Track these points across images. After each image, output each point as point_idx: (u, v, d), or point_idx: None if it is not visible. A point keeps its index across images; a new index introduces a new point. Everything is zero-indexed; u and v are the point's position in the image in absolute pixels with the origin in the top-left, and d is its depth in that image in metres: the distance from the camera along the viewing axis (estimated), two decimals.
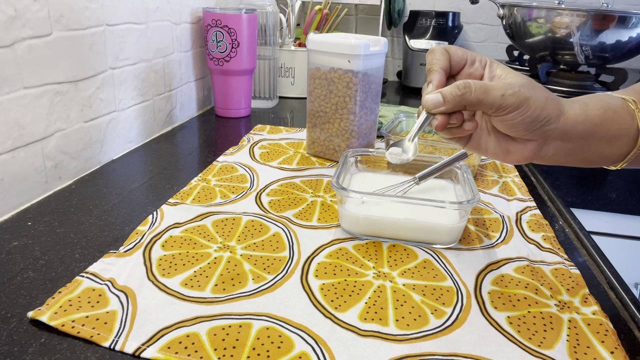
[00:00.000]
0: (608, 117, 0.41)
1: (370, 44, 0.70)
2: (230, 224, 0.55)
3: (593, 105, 0.41)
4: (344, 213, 0.54)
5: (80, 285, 0.43)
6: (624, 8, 1.39)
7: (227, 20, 0.93)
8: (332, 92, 0.73)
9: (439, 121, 0.41)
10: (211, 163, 0.74)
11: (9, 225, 0.54)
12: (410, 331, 0.40)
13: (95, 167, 0.71)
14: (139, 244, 0.50)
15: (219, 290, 0.44)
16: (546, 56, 1.14)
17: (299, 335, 0.39)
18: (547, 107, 0.39)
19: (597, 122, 0.41)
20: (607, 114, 0.41)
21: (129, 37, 0.76)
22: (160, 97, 0.89)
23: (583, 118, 0.40)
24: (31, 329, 0.38)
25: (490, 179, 0.73)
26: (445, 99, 0.40)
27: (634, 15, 0.99)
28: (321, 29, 1.24)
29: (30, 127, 0.58)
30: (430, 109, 0.41)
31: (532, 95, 0.39)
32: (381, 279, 0.47)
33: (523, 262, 0.51)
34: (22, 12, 0.55)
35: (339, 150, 0.76)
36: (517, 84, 0.40)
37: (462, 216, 0.53)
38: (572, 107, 0.41)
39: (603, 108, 0.41)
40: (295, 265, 0.48)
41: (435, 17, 1.32)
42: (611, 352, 0.38)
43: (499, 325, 0.41)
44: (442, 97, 0.40)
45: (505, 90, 0.39)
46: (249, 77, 1.01)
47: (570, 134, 0.40)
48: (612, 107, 0.41)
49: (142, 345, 0.37)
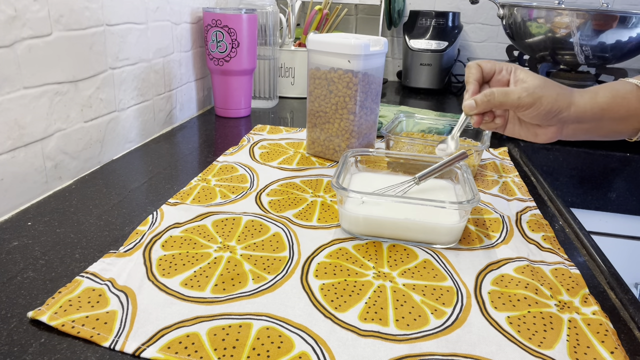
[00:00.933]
0: (616, 102, 0.50)
1: (370, 44, 0.70)
2: (230, 224, 0.55)
3: (602, 94, 0.51)
4: (344, 213, 0.54)
5: (80, 285, 0.43)
6: (624, 8, 1.39)
7: (227, 20, 0.93)
8: (332, 92, 0.73)
9: (475, 120, 0.55)
10: (211, 163, 0.74)
11: (9, 225, 0.54)
12: (410, 331, 0.40)
13: (95, 167, 0.71)
14: (139, 244, 0.50)
15: (219, 290, 0.44)
16: (546, 56, 1.14)
17: (299, 335, 0.39)
18: (557, 102, 0.50)
19: (604, 107, 0.50)
20: (615, 100, 0.50)
21: (129, 37, 0.76)
22: (160, 97, 0.89)
23: (591, 105, 0.50)
24: (31, 329, 0.38)
25: (490, 179, 0.73)
26: (477, 103, 0.53)
27: (634, 15, 0.99)
28: (321, 29, 1.24)
29: (30, 127, 0.58)
30: (467, 112, 0.55)
31: (544, 95, 0.50)
32: (381, 279, 0.47)
33: (523, 262, 0.51)
34: (22, 12, 0.55)
35: (339, 150, 0.76)
36: (533, 86, 0.51)
37: (462, 216, 0.53)
38: (582, 97, 0.51)
39: (611, 95, 0.50)
40: (295, 265, 0.48)
41: (435, 17, 1.32)
42: (611, 352, 0.38)
43: (499, 325, 0.41)
44: (474, 102, 0.53)
45: (520, 93, 0.50)
46: (249, 77, 1.01)
47: (582, 118, 0.51)
48: (620, 93, 0.50)
49: (142, 345, 0.37)
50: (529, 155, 0.86)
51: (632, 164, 0.95)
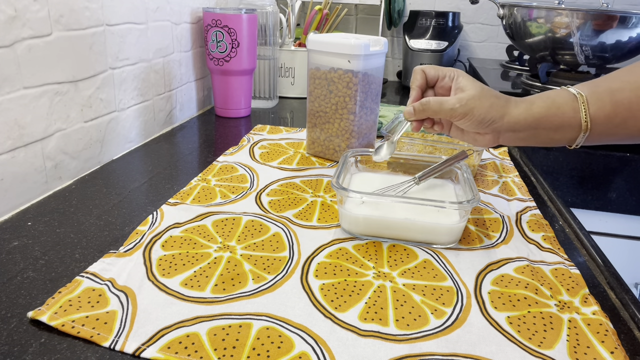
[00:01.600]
0: (551, 113, 0.51)
1: (370, 44, 0.70)
2: (230, 224, 0.55)
3: (538, 104, 0.52)
4: (344, 213, 0.54)
5: (80, 285, 0.43)
6: (624, 8, 1.39)
7: (227, 20, 0.93)
8: (332, 92, 0.73)
9: (414, 125, 0.57)
10: (211, 163, 0.74)
11: (9, 225, 0.54)
12: (410, 331, 0.40)
13: (95, 167, 0.71)
14: (139, 244, 0.50)
15: (219, 290, 0.44)
16: (546, 56, 1.14)
17: (299, 335, 0.39)
18: (490, 113, 0.51)
19: (538, 117, 0.51)
20: (549, 110, 0.51)
21: (129, 37, 0.76)
22: (160, 97, 0.89)
23: (525, 116, 0.51)
24: (31, 329, 0.38)
25: (490, 179, 0.73)
26: (415, 110, 0.55)
27: (634, 15, 0.99)
28: (321, 29, 1.24)
29: (30, 127, 0.58)
30: (406, 117, 0.57)
31: (476, 106, 0.51)
32: (381, 279, 0.47)
33: (523, 262, 0.51)
34: (22, 12, 0.55)
35: (339, 150, 0.76)
36: (467, 97, 0.52)
37: (462, 216, 0.53)
38: (517, 107, 0.52)
39: (546, 105, 0.51)
40: (295, 265, 0.48)
41: (435, 17, 1.32)
42: (611, 352, 0.38)
43: (499, 325, 0.41)
44: (412, 109, 0.55)
45: (454, 104, 0.52)
46: (249, 77, 1.01)
47: (516, 127, 0.52)
48: (556, 103, 0.51)
49: (142, 345, 0.37)
50: (529, 155, 0.86)
51: (632, 164, 0.95)
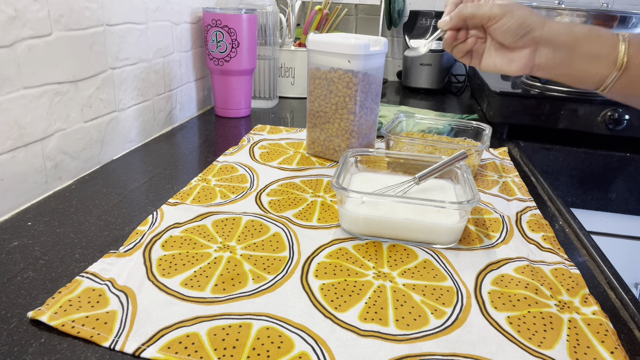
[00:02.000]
0: (590, 37, 0.50)
1: (370, 44, 0.70)
2: (230, 224, 0.55)
3: (580, 27, 0.52)
4: (344, 213, 0.54)
5: (80, 285, 0.43)
6: (624, 8, 1.39)
7: (227, 20, 0.93)
8: (332, 92, 0.73)
9: (448, 35, 0.58)
10: (211, 163, 0.74)
11: (9, 225, 0.54)
12: (410, 331, 0.40)
13: (95, 167, 0.71)
14: (139, 244, 0.50)
15: (219, 290, 0.44)
16: None
17: (299, 335, 0.39)
18: (530, 17, 0.51)
19: (578, 37, 0.51)
20: (590, 34, 0.51)
21: (129, 37, 0.76)
22: (160, 97, 0.89)
23: (565, 31, 0.51)
24: (31, 329, 0.38)
25: (490, 179, 0.73)
26: (451, 18, 0.57)
27: (634, 15, 0.99)
28: (321, 29, 1.24)
29: (30, 127, 0.58)
30: (441, 27, 0.58)
31: (514, 8, 0.52)
32: (381, 279, 0.47)
33: (523, 262, 0.51)
34: (22, 12, 0.55)
35: (339, 150, 0.76)
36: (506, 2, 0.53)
37: (462, 216, 0.53)
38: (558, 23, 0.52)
39: (588, 29, 0.51)
40: (295, 265, 0.48)
41: (435, 17, 1.32)
42: (611, 352, 0.38)
43: (499, 325, 0.41)
44: (449, 17, 0.57)
45: (492, 4, 0.53)
46: (249, 77, 1.01)
47: (555, 42, 0.51)
48: (598, 32, 0.51)
49: (142, 345, 0.37)
50: (529, 155, 0.86)
51: (632, 164, 0.95)
